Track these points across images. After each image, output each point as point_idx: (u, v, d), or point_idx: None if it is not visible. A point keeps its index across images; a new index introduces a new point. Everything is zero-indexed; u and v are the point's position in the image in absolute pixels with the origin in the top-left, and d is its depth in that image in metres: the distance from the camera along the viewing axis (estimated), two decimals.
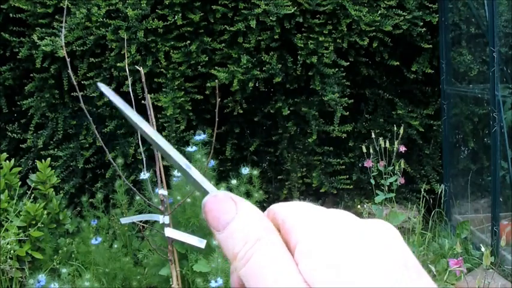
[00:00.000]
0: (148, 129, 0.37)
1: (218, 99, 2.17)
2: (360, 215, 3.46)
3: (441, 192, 3.75)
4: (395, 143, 3.47)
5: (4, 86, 4.06)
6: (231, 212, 0.34)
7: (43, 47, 3.70)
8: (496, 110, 3.27)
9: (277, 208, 0.36)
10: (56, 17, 3.87)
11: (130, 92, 2.34)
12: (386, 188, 3.39)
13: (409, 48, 4.05)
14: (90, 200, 3.75)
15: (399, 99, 4.20)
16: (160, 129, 3.80)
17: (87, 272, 2.93)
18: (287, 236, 0.34)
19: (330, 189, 4.10)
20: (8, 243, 2.84)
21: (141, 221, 2.48)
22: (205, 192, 0.36)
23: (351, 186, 4.13)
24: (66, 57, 2.21)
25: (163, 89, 3.86)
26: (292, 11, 3.76)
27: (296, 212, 0.35)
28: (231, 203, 0.34)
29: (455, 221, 3.95)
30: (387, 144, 3.47)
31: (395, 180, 3.44)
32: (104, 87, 0.38)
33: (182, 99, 3.81)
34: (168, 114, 3.76)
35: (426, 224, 3.62)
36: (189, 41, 3.81)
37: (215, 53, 3.88)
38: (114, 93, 0.37)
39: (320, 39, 3.86)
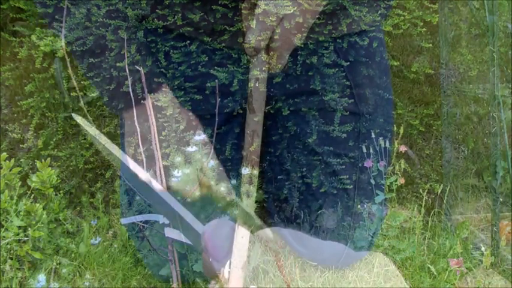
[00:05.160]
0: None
1: (218, 99, 2.17)
2: (359, 215, 3.47)
3: (441, 192, 3.75)
4: (396, 142, 3.47)
5: (4, 86, 4.06)
6: None
7: (42, 48, 3.70)
8: (496, 110, 3.27)
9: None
10: (56, 17, 3.87)
11: (131, 92, 2.33)
12: (387, 188, 3.39)
13: (409, 48, 4.05)
14: (90, 200, 3.76)
15: (399, 99, 4.20)
16: (160, 129, 3.80)
17: (87, 272, 2.93)
18: None
19: (330, 189, 4.10)
20: (8, 243, 2.85)
21: (141, 221, 2.48)
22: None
23: (351, 186, 4.13)
24: (66, 57, 2.21)
25: (163, 89, 3.86)
26: (292, 11, 3.76)
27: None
28: None
29: (455, 221, 3.95)
30: (387, 144, 3.47)
31: (396, 180, 3.44)
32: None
33: (182, 98, 3.81)
34: (168, 114, 3.75)
35: (426, 223, 3.62)
36: (189, 41, 3.81)
37: (215, 53, 3.88)
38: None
39: (320, 39, 3.86)
